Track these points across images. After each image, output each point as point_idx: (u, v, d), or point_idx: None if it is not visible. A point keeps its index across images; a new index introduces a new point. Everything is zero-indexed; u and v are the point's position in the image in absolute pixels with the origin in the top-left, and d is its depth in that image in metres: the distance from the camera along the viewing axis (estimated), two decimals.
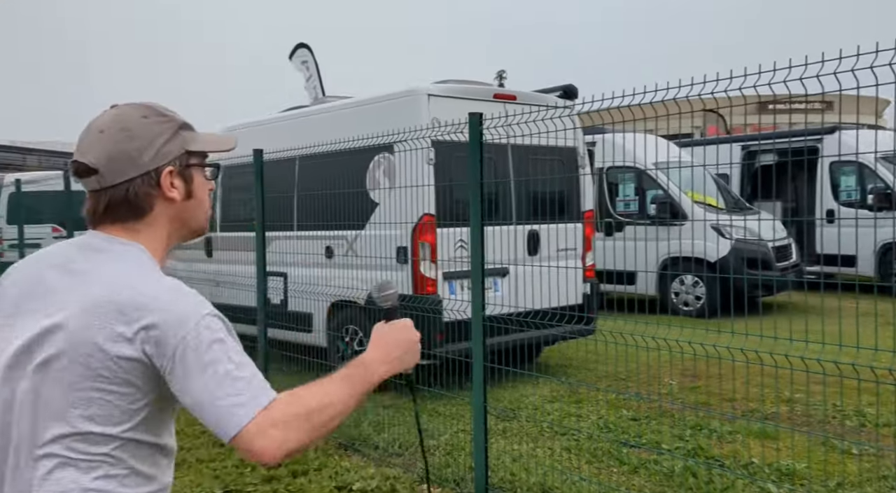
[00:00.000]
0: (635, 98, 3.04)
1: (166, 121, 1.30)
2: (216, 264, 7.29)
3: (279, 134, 6.77)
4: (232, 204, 7.37)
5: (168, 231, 1.32)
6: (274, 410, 1.15)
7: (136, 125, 1.27)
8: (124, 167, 1.24)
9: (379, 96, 6.07)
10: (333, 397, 1.23)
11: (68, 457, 1.16)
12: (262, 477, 4.04)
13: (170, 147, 1.28)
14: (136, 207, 1.27)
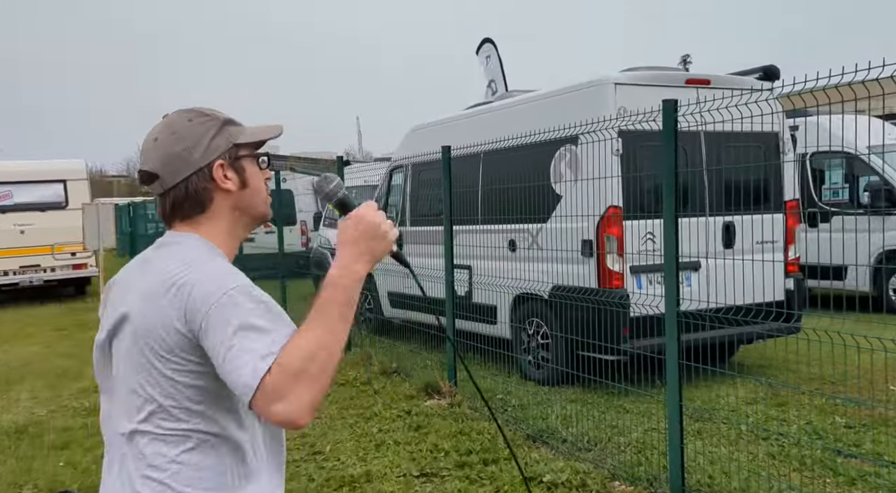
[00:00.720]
0: (844, 77, 2.77)
1: (210, 119, 1.39)
2: (406, 256, 7.66)
3: (464, 131, 6.96)
4: (420, 199, 7.70)
5: (230, 221, 1.40)
6: (267, 384, 1.16)
7: (182, 128, 1.37)
8: (179, 167, 1.35)
9: (563, 88, 6.03)
10: (312, 341, 1.21)
11: (156, 433, 1.27)
12: (455, 462, 4.21)
13: (217, 142, 1.37)
14: (198, 202, 1.36)
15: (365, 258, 1.30)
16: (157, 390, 1.27)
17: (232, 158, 1.38)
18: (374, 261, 1.31)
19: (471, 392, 5.58)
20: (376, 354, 7.03)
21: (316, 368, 1.18)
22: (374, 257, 1.31)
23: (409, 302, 7.49)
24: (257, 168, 1.43)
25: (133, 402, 1.29)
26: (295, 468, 4.31)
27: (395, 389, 5.97)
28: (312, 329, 1.22)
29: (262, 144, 1.45)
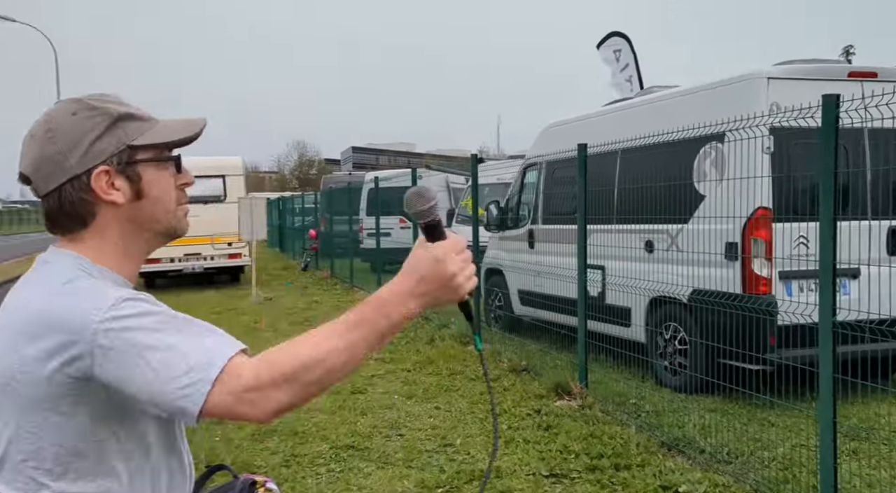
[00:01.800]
0: None
1: (97, 114, 1.11)
2: (538, 255, 7.64)
3: (601, 128, 6.83)
4: (553, 198, 7.65)
5: (122, 237, 1.14)
6: (245, 374, 0.99)
7: (61, 124, 1.10)
8: (51, 173, 1.09)
9: (710, 83, 5.77)
10: (330, 350, 1.03)
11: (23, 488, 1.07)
12: (585, 465, 4.16)
13: (102, 144, 1.10)
14: (75, 216, 1.11)
15: (425, 300, 1.09)
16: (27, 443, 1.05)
17: (123, 162, 1.11)
18: (432, 306, 1.12)
19: (602, 395, 5.49)
20: (505, 351, 7.07)
21: (309, 378, 1.02)
22: (434, 302, 1.11)
23: (540, 301, 7.47)
24: (163, 173, 1.16)
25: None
26: (427, 459, 4.44)
27: (525, 387, 5.98)
28: (325, 341, 1.04)
29: (175, 145, 1.17)
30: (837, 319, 3.33)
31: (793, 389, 4.53)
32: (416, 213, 1.13)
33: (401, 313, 1.08)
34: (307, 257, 18.60)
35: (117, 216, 1.13)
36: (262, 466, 4.38)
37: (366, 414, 5.45)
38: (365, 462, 4.42)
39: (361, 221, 15.33)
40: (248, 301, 12.23)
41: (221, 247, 14.26)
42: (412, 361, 7.18)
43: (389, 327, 1.07)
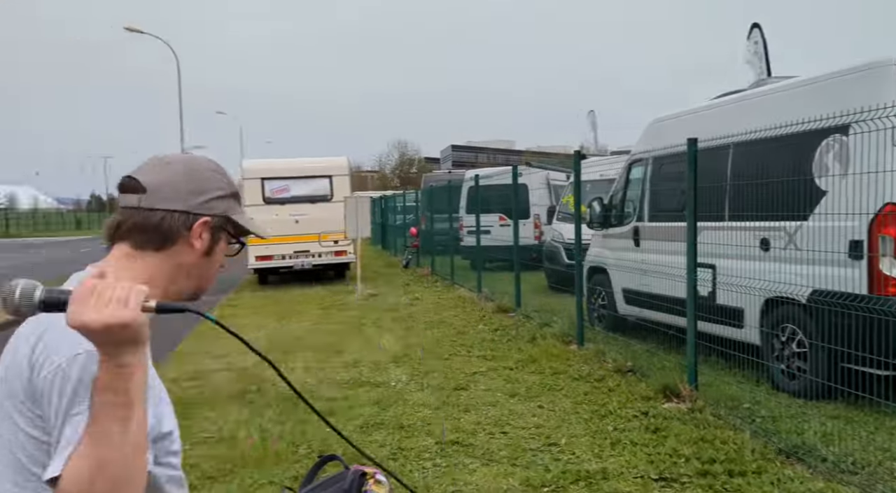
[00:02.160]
0: None
1: (227, 185, 1.35)
2: (644, 253, 7.46)
3: (711, 122, 6.59)
4: (660, 194, 7.44)
5: (173, 275, 1.28)
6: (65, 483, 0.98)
7: (201, 171, 1.32)
8: (171, 198, 1.25)
9: (831, 73, 5.44)
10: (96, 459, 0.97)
11: None
12: (696, 470, 4.04)
13: (218, 204, 1.31)
14: (160, 237, 1.25)
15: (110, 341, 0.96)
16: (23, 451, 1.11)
17: (218, 226, 1.31)
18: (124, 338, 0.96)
19: (713, 398, 5.31)
20: (610, 351, 6.95)
21: (108, 475, 0.97)
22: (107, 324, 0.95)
23: (646, 300, 7.29)
24: (226, 246, 1.36)
25: None
26: (531, 457, 4.44)
27: (631, 388, 5.86)
28: (87, 449, 0.98)
29: (243, 233, 1.39)
30: None
31: None
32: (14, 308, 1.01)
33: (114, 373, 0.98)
34: (408, 254, 18.95)
35: (185, 257, 1.28)
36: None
37: (469, 411, 5.51)
38: (470, 459, 4.47)
39: (461, 218, 15.46)
40: (352, 298, 12.61)
41: (328, 245, 14.77)
42: (514, 359, 7.18)
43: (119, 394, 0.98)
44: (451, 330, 9.01)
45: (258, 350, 1.20)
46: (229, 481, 4.24)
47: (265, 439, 4.88)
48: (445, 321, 9.71)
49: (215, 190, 1.31)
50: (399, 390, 6.22)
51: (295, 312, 11.24)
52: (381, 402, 5.81)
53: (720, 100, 7.02)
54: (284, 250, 14.63)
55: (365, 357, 7.55)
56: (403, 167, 67.12)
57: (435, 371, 6.84)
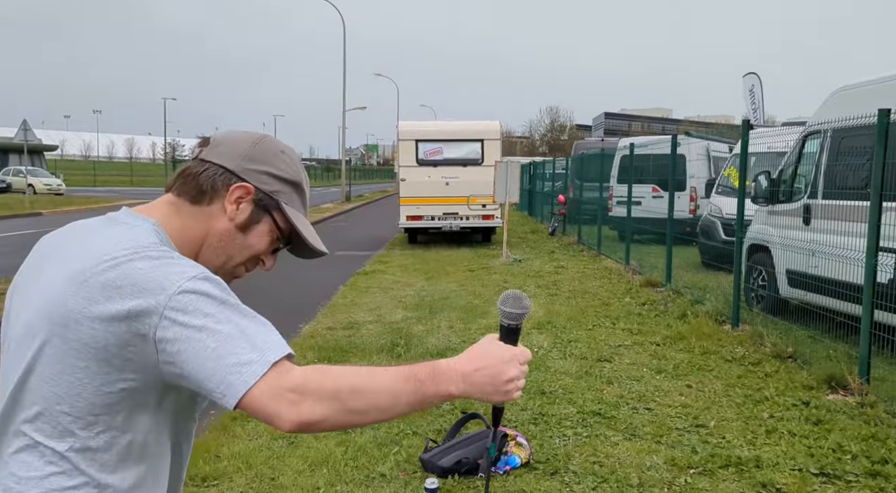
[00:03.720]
0: None
1: (293, 170, 1.28)
2: (814, 232, 6.88)
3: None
4: (839, 170, 6.80)
5: (203, 239, 1.22)
6: (294, 373, 1.01)
7: (268, 147, 1.26)
8: (225, 155, 1.23)
9: None
10: (376, 388, 1.04)
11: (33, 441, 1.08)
12: (864, 469, 3.73)
13: (271, 181, 1.24)
14: (199, 189, 1.21)
15: (474, 388, 1.11)
16: (56, 387, 1.06)
17: (262, 202, 1.24)
18: (475, 396, 1.12)
19: (888, 394, 4.85)
20: (769, 334, 6.53)
21: (351, 405, 1.03)
22: (479, 394, 1.12)
23: (814, 283, 6.74)
24: (267, 238, 1.27)
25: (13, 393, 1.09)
26: (678, 437, 4.30)
27: (791, 376, 5.49)
28: (381, 380, 1.06)
29: (293, 237, 1.29)
30: None
31: None
32: (508, 314, 1.18)
33: (448, 388, 1.10)
34: (555, 221, 18.75)
35: (217, 222, 1.23)
36: (512, 421, 4.58)
37: (612, 383, 5.42)
38: (612, 431, 4.41)
39: (612, 188, 15.03)
40: (498, 261, 12.71)
41: (476, 208, 14.93)
42: (662, 335, 6.95)
43: (433, 395, 1.09)
44: (595, 300, 8.86)
45: None
46: (377, 428, 4.46)
47: None
48: (590, 291, 9.55)
49: (273, 167, 1.26)
50: (541, 356, 6.22)
51: (442, 272, 11.52)
52: None
53: None
54: (434, 210, 14.97)
55: None
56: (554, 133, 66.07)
57: (578, 341, 6.78)
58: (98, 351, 1.04)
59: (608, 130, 60.90)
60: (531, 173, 26.98)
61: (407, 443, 4.21)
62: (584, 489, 3.63)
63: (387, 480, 3.75)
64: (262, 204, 1.24)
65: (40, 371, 1.06)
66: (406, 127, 15.61)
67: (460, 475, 3.77)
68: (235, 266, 1.27)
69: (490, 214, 15.11)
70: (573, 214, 17.33)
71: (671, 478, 3.72)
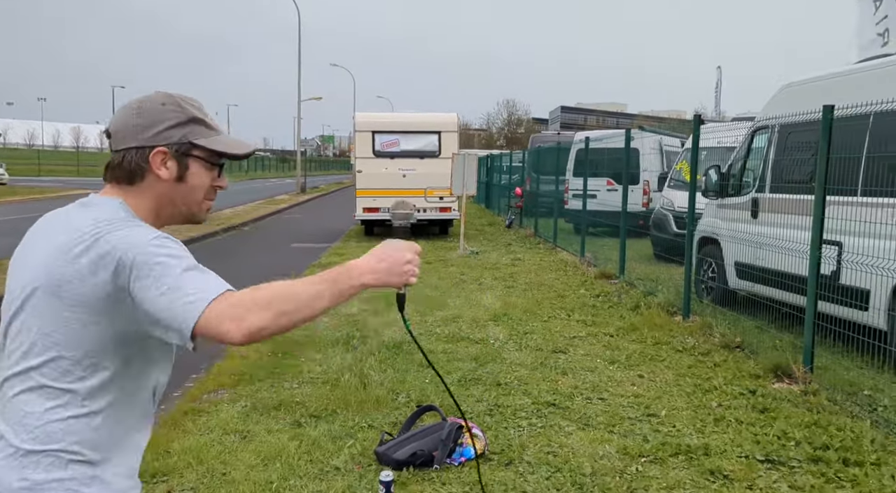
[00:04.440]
0: None
1: (178, 111, 1.43)
2: (762, 225, 7.07)
3: (850, 89, 6.08)
4: (785, 165, 6.99)
5: (156, 204, 1.44)
6: (231, 296, 1.24)
7: (150, 108, 1.43)
8: (126, 137, 1.41)
9: None
10: (300, 291, 1.27)
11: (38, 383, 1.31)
12: (807, 455, 3.86)
13: (171, 133, 1.42)
14: (128, 173, 1.41)
15: (378, 277, 1.37)
16: (62, 336, 1.30)
17: (180, 151, 1.43)
18: (380, 285, 1.39)
19: (830, 382, 5.02)
20: (718, 325, 6.69)
21: (284, 308, 1.25)
22: (386, 279, 1.39)
23: (761, 275, 6.92)
24: (206, 172, 1.47)
25: (22, 346, 1.33)
26: (630, 426, 4.38)
27: (738, 365, 5.64)
28: (305, 286, 1.29)
29: (224, 156, 1.48)
30: None
31: None
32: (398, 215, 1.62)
33: (361, 280, 1.36)
34: (512, 214, 18.87)
35: (157, 187, 1.43)
36: (468, 412, 4.60)
37: (566, 374, 5.48)
38: (566, 421, 4.46)
39: (568, 181, 15.18)
40: (455, 254, 12.73)
41: (433, 200, 14.91)
42: (615, 326, 7.06)
43: (350, 287, 1.34)
44: (551, 292, 8.95)
45: None
46: (332, 421, 4.43)
47: (366, 385, 5.05)
48: (546, 283, 9.65)
49: (164, 121, 1.42)
50: (497, 348, 6.26)
51: None
52: (479, 358, 5.88)
53: (863, 65, 6.46)
54: (390, 203, 14.91)
55: (465, 313, 7.63)
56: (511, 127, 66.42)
57: (534, 332, 6.84)
58: (88, 305, 1.29)
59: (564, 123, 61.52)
60: (488, 166, 27.07)
61: (362, 436, 4.19)
62: (538, 479, 3.66)
63: (341, 473, 3.72)
64: (180, 153, 1.43)
65: (41, 327, 1.31)
66: (363, 118, 15.49)
67: (415, 467, 3.77)
68: (199, 204, 1.49)
69: (447, 207, 15.11)
70: (530, 207, 17.46)
71: (623, 466, 3.79)
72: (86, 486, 1.33)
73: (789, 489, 3.50)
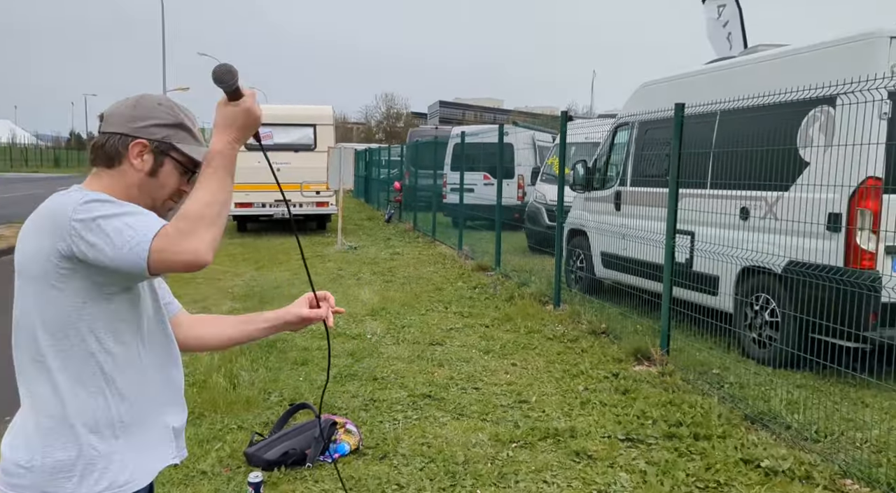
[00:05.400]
0: None
1: (170, 114, 1.55)
2: (624, 217, 7.46)
3: (700, 88, 6.53)
4: (644, 159, 7.41)
5: (127, 191, 1.52)
6: (169, 226, 1.34)
7: (146, 105, 1.55)
8: (115, 123, 1.53)
9: (824, 43, 5.39)
10: (209, 194, 1.38)
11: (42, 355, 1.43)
12: (663, 432, 4.11)
13: (157, 130, 1.53)
14: (107, 157, 1.52)
15: (241, 141, 1.48)
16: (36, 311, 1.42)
17: (159, 148, 1.53)
18: (246, 137, 1.49)
19: (684, 363, 5.38)
20: (585, 313, 7.00)
21: (213, 212, 1.37)
22: (248, 132, 1.49)
23: (624, 264, 7.32)
24: (177, 174, 1.57)
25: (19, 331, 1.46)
26: (502, 413, 4.49)
27: (603, 350, 5.92)
28: (208, 186, 1.39)
29: (194, 161, 1.57)
30: None
31: (893, 370, 4.32)
32: (227, 83, 1.44)
33: (233, 154, 1.45)
34: (391, 208, 18.85)
35: (130, 175, 1.53)
36: (343, 408, 4.54)
37: (443, 366, 5.55)
38: (441, 412, 4.51)
39: (445, 175, 15.35)
40: (333, 249, 12.55)
41: (310, 195, 14.62)
42: (491, 317, 7.22)
43: (232, 165, 1.45)
44: (429, 286, 9.02)
45: None
46: (198, 424, 4.24)
47: (236, 386, 4.88)
48: (424, 277, 9.71)
49: (155, 118, 1.53)
50: (374, 342, 6.23)
51: (274, 261, 11.18)
52: (356, 353, 5.82)
53: (710, 66, 6.96)
54: (265, 198, 14.47)
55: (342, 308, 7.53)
56: (390, 121, 66.33)
57: (411, 326, 6.86)
58: (54, 277, 1.39)
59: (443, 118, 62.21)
60: (367, 160, 26.90)
61: (231, 438, 4.03)
62: (412, 470, 3.68)
63: (208, 477, 3.57)
64: (158, 150, 1.53)
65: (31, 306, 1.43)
66: None
67: (287, 466, 3.68)
68: (163, 202, 1.57)
69: (324, 201, 14.86)
70: (409, 201, 17.51)
71: (494, 453, 3.88)
72: None
73: (647, 465, 3.71)
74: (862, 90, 4.02)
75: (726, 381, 5.03)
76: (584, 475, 3.62)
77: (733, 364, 5.36)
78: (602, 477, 3.59)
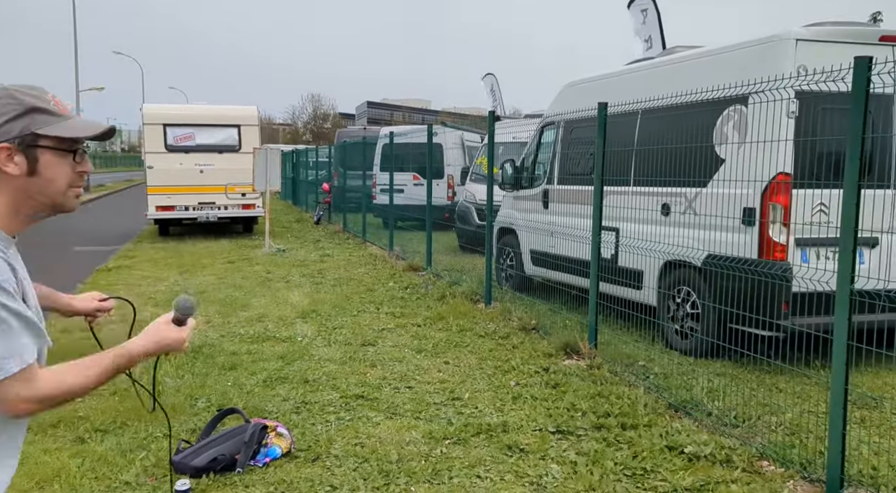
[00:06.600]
0: None
1: (14, 103, 1.36)
2: (551, 215, 7.60)
3: (622, 88, 6.72)
4: (570, 158, 7.57)
5: (13, 201, 1.38)
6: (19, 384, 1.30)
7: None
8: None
9: (736, 44, 5.63)
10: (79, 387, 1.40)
11: None
12: (592, 423, 4.20)
13: (11, 126, 1.34)
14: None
15: (150, 355, 1.54)
16: None
17: (24, 144, 1.35)
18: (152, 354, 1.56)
19: (611, 356, 5.52)
20: (515, 310, 7.10)
21: (65, 398, 1.39)
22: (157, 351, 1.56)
23: (552, 261, 7.46)
24: (61, 160, 1.40)
25: None
26: (435, 411, 4.50)
27: (534, 346, 6.01)
28: (86, 377, 1.40)
29: (76, 141, 1.42)
30: (854, 287, 3.30)
31: (803, 356, 4.55)
32: (184, 315, 1.62)
33: (140, 360, 1.52)
34: (320, 210, 18.61)
35: (11, 183, 1.36)
36: (274, 411, 4.45)
37: (375, 366, 5.51)
38: (374, 412, 4.48)
39: (375, 176, 15.27)
40: (260, 252, 12.29)
41: (235, 197, 14.27)
42: (423, 316, 7.22)
43: (119, 371, 1.48)
44: (360, 287, 8.95)
45: None
46: (121, 434, 4.07)
47: (160, 393, 4.71)
48: (355, 278, 9.63)
49: (2, 116, 1.34)
50: (305, 345, 6.13)
51: (199, 265, 10.86)
52: (286, 356, 5.72)
53: (631, 66, 7.17)
54: (188, 200, 14.04)
55: (271, 312, 7.39)
56: (317, 122, 65.49)
57: (343, 327, 6.79)
58: None
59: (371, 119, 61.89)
60: (294, 161, 26.48)
61: (156, 447, 3.89)
62: (346, 470, 3.64)
63: (132, 488, 3.44)
64: (25, 145, 1.35)
65: None
66: (152, 110, 14.41)
67: (216, 472, 3.58)
68: (63, 194, 1.42)
69: (251, 204, 14.54)
70: (338, 203, 17.33)
71: (428, 450, 3.88)
72: None
73: (577, 456, 3.79)
74: (771, 89, 4.22)
75: (651, 372, 5.19)
76: (517, 468, 3.67)
77: (658, 356, 5.54)
78: (534, 469, 3.64)
